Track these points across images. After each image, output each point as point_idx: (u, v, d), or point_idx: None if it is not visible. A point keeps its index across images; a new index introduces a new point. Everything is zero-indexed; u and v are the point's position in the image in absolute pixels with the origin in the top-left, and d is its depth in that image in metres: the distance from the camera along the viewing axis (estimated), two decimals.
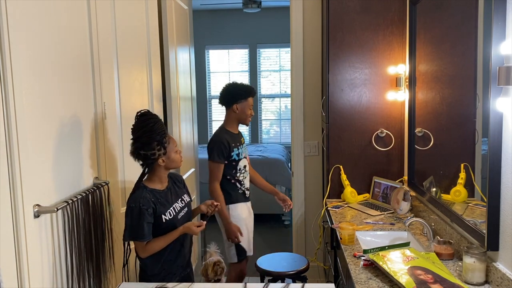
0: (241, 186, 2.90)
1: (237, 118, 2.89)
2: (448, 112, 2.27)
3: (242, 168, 2.90)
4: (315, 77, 3.53)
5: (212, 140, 2.85)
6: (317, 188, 3.62)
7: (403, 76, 2.88)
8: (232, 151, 2.83)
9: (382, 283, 1.76)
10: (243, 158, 2.91)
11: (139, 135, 2.01)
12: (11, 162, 1.51)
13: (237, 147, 2.87)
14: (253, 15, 6.99)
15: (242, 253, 2.89)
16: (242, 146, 2.93)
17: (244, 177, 2.93)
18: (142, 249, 2.03)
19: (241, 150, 2.90)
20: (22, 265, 1.56)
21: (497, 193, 1.62)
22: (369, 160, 3.08)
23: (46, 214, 1.70)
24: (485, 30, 1.74)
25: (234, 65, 7.53)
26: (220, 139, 2.82)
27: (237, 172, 2.87)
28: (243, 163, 2.91)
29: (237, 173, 2.87)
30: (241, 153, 2.89)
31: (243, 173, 2.91)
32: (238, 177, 2.88)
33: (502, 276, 1.59)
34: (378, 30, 2.99)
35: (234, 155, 2.84)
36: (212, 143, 2.84)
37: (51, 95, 1.77)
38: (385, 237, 2.41)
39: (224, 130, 2.90)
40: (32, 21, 1.65)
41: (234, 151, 2.84)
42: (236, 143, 2.87)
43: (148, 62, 2.73)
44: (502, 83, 1.47)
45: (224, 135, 2.85)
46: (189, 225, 2.09)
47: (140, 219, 1.98)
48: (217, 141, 2.82)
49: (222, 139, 2.82)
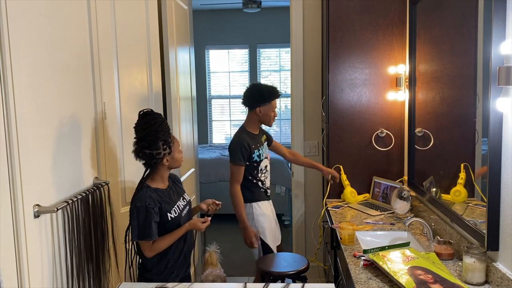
0: (263, 185, 2.91)
1: (259, 120, 2.87)
2: (448, 112, 2.27)
3: (264, 168, 2.90)
4: (315, 77, 3.53)
5: (233, 142, 2.83)
6: (317, 188, 3.62)
7: (403, 76, 2.88)
8: (253, 153, 2.81)
9: (382, 283, 1.76)
10: (264, 159, 2.90)
11: (145, 134, 2.00)
12: (11, 162, 1.51)
13: (258, 148, 2.85)
14: (253, 15, 6.99)
15: (267, 250, 2.90)
16: (262, 146, 2.91)
17: (266, 177, 2.93)
18: (149, 248, 2.02)
19: (262, 151, 2.89)
20: (22, 265, 1.56)
21: (497, 193, 1.62)
22: (369, 160, 3.08)
23: (46, 214, 1.70)
24: (485, 30, 1.74)
25: (234, 65, 7.53)
26: (241, 141, 2.79)
27: (258, 172, 2.87)
28: (264, 164, 2.91)
29: (259, 174, 2.87)
30: (262, 154, 2.87)
31: (264, 173, 2.91)
32: (260, 177, 2.88)
33: (502, 276, 1.59)
34: (378, 30, 2.99)
35: (255, 157, 2.83)
36: (233, 144, 2.82)
37: (51, 95, 1.77)
38: (385, 237, 2.41)
39: (245, 131, 2.87)
40: (32, 21, 1.65)
41: (255, 152, 2.82)
42: (257, 144, 2.85)
43: (148, 62, 2.73)
44: (502, 83, 1.47)
45: (245, 136, 2.83)
46: (195, 221, 2.10)
47: (147, 218, 1.98)
48: (238, 142, 2.79)
49: (243, 141, 2.79)
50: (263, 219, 2.88)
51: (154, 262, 2.08)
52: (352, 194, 3.00)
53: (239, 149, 2.76)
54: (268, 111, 2.83)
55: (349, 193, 3.00)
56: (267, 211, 2.92)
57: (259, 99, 2.82)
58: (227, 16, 7.21)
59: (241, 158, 2.77)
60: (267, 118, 2.86)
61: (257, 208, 2.86)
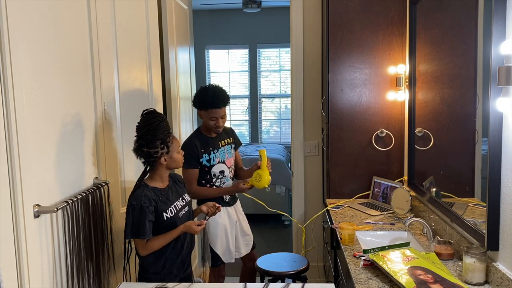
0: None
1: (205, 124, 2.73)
2: (448, 112, 2.27)
3: (219, 173, 2.75)
4: (315, 77, 3.53)
5: (182, 146, 2.65)
6: (317, 188, 3.62)
7: (403, 76, 2.88)
8: (201, 156, 2.67)
9: (382, 283, 1.77)
10: (217, 164, 2.73)
11: (143, 132, 2.03)
12: (11, 162, 1.51)
13: (209, 152, 2.70)
14: (253, 15, 6.99)
15: (216, 258, 2.78)
16: (218, 150, 2.74)
17: (223, 182, 2.77)
18: (142, 247, 2.04)
19: (214, 155, 2.72)
20: (22, 265, 1.56)
21: (497, 193, 1.62)
22: (369, 160, 3.08)
23: (46, 214, 1.70)
24: (485, 30, 1.74)
25: (234, 65, 7.53)
26: (190, 143, 2.69)
27: (212, 178, 2.73)
28: (219, 169, 2.74)
29: (212, 179, 2.74)
30: (213, 158, 2.71)
31: (221, 179, 2.76)
32: (214, 183, 2.74)
33: (502, 276, 1.59)
34: (378, 30, 2.99)
35: (204, 161, 2.69)
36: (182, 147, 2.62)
37: (51, 95, 1.77)
38: (385, 237, 2.41)
39: (198, 133, 2.76)
40: (32, 21, 1.65)
41: (203, 156, 2.68)
42: (208, 148, 2.70)
43: (148, 62, 2.73)
44: (502, 83, 1.48)
45: (195, 139, 2.71)
46: (190, 224, 2.10)
47: (141, 216, 1.99)
48: (186, 146, 2.68)
49: (191, 143, 2.68)
50: (214, 225, 2.73)
51: (150, 261, 2.08)
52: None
53: (187, 152, 2.55)
54: (205, 117, 2.68)
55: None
56: (221, 219, 2.75)
57: (195, 102, 2.71)
58: (227, 16, 7.21)
59: (192, 161, 2.64)
60: (207, 125, 2.71)
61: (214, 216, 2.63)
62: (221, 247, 2.78)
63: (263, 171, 2.67)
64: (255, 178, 2.68)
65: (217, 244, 2.77)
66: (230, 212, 2.84)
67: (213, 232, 2.76)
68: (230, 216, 2.84)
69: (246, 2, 6.04)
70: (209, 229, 2.74)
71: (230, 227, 2.82)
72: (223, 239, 2.78)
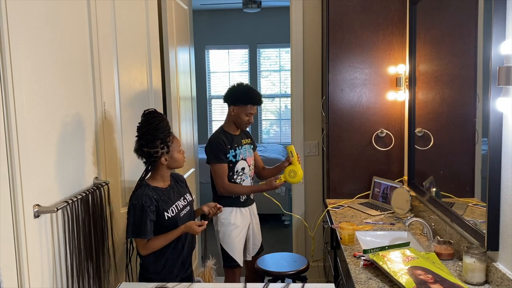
0: None
1: (233, 121, 2.81)
2: (448, 112, 2.27)
3: (240, 170, 2.80)
4: (315, 77, 3.53)
5: (210, 141, 2.78)
6: (317, 188, 3.62)
7: (403, 76, 2.88)
8: (228, 152, 2.74)
9: (382, 283, 1.76)
10: (241, 160, 2.80)
11: (143, 132, 2.04)
12: (11, 162, 1.51)
13: (234, 148, 2.78)
14: (253, 15, 6.99)
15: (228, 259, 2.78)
16: (241, 147, 2.83)
17: (242, 179, 2.81)
18: (142, 246, 2.04)
19: (239, 151, 2.80)
20: (22, 265, 1.56)
21: (497, 193, 1.62)
22: (369, 160, 3.08)
23: (46, 214, 1.70)
24: (485, 30, 1.74)
25: (234, 65, 7.53)
26: (217, 139, 2.75)
27: (234, 174, 2.78)
28: (241, 165, 2.81)
29: (234, 175, 2.79)
30: (238, 155, 2.79)
31: (241, 175, 2.81)
32: (235, 180, 2.79)
33: (502, 276, 1.59)
34: (378, 30, 2.99)
35: (230, 157, 2.75)
36: (209, 144, 2.77)
37: (51, 95, 1.77)
38: (385, 237, 2.41)
39: (222, 131, 2.83)
40: (32, 21, 1.65)
41: (230, 152, 2.75)
42: (233, 144, 2.78)
43: (148, 62, 2.73)
44: (502, 83, 1.48)
45: (221, 135, 2.78)
46: (191, 224, 2.09)
47: (142, 216, 2.00)
48: (214, 141, 2.75)
49: (219, 139, 2.75)
50: (230, 229, 2.75)
51: (150, 261, 2.09)
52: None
53: (216, 147, 2.72)
54: (241, 113, 2.76)
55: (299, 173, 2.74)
56: (234, 220, 2.77)
57: (233, 97, 2.77)
58: (227, 16, 7.21)
59: (221, 156, 2.72)
60: (239, 120, 2.78)
61: (222, 213, 2.70)
62: (236, 249, 2.78)
63: (295, 166, 2.72)
64: (288, 174, 2.72)
65: (233, 246, 2.76)
66: (244, 213, 2.84)
67: (229, 234, 2.76)
68: (243, 217, 2.83)
69: (246, 2, 6.04)
70: (221, 228, 2.76)
71: (241, 228, 2.81)
72: (233, 239, 2.77)
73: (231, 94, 2.81)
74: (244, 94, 2.77)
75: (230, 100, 2.79)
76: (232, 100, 2.78)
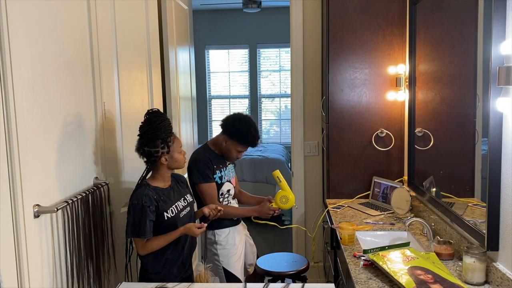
0: None
1: (221, 149, 2.60)
2: (448, 112, 2.27)
3: (225, 192, 2.62)
4: (315, 77, 3.53)
5: (196, 160, 2.54)
6: (317, 188, 3.62)
7: (403, 76, 2.88)
8: (214, 173, 2.55)
9: (382, 283, 1.77)
10: (226, 182, 2.61)
11: (145, 131, 2.04)
12: (11, 162, 1.51)
13: (220, 169, 2.59)
14: (253, 15, 6.99)
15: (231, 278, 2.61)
16: (226, 168, 2.63)
17: (229, 201, 2.65)
18: (141, 246, 2.04)
19: (224, 173, 2.61)
20: (22, 265, 1.56)
21: (497, 193, 1.62)
22: (369, 160, 3.08)
23: (46, 214, 1.70)
24: (485, 30, 1.74)
25: (234, 65, 7.53)
26: (202, 157, 2.54)
27: (219, 196, 2.59)
28: (227, 188, 2.62)
29: (220, 198, 2.60)
30: (224, 176, 2.60)
31: (227, 197, 2.64)
32: (222, 202, 2.60)
33: (502, 276, 1.59)
34: (378, 30, 2.99)
35: (216, 178, 2.56)
36: (196, 163, 2.53)
37: (51, 95, 1.77)
38: (385, 237, 2.41)
39: (208, 150, 2.61)
40: (32, 21, 1.65)
41: (216, 173, 2.56)
42: (219, 165, 2.58)
43: (148, 62, 2.73)
44: (502, 83, 1.48)
45: (207, 155, 2.56)
46: (190, 226, 2.09)
47: (142, 216, 2.00)
48: (201, 160, 2.53)
49: (205, 157, 2.54)
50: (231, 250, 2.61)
51: (150, 261, 2.09)
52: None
53: (203, 165, 2.50)
54: (233, 148, 2.55)
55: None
56: (236, 240, 2.64)
57: (231, 131, 2.53)
58: (227, 16, 7.22)
59: (210, 174, 2.52)
60: (228, 153, 2.58)
61: (220, 235, 2.58)
62: (237, 265, 2.65)
63: (285, 192, 2.60)
64: (280, 201, 2.58)
65: (231, 264, 2.62)
66: (239, 230, 2.72)
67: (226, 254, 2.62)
68: (239, 234, 2.70)
69: (246, 2, 6.04)
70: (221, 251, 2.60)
71: (241, 247, 2.70)
72: (236, 261, 2.65)
73: (230, 126, 2.56)
74: (244, 134, 2.54)
75: (228, 131, 2.55)
76: (230, 132, 2.54)
